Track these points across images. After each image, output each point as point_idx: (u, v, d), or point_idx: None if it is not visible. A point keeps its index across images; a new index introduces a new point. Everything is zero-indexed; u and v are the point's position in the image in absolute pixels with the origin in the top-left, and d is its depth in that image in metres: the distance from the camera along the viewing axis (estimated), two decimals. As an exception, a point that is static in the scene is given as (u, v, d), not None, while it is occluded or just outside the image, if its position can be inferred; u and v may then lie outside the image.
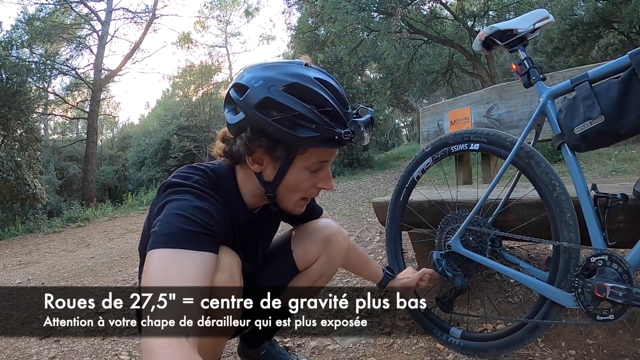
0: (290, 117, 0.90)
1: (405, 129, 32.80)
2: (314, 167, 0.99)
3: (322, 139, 0.91)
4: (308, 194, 1.05)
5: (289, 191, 1.02)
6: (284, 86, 0.91)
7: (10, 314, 2.63)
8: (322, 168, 1.01)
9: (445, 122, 2.59)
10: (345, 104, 0.96)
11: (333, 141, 0.92)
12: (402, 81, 14.21)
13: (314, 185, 1.02)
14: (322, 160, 0.99)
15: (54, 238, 6.93)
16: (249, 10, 25.73)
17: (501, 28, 1.43)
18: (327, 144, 0.93)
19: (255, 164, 1.00)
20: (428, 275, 1.44)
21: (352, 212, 5.12)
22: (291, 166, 0.97)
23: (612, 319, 1.13)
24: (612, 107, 1.15)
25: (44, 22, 14.62)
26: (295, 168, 0.98)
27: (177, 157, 18.87)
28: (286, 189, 1.01)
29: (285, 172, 0.98)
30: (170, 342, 0.68)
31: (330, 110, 0.92)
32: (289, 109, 0.90)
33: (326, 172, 1.02)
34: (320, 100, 0.92)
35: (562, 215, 1.27)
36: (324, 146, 0.94)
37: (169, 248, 0.81)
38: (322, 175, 1.02)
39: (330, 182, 1.03)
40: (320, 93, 0.92)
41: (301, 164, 0.97)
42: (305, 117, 0.90)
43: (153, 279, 0.78)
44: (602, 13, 11.11)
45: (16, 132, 9.57)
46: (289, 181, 0.99)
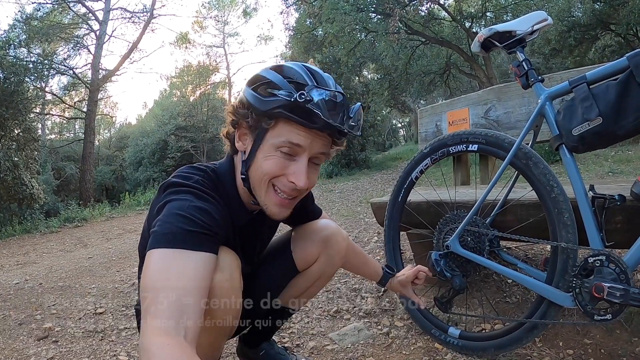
0: (264, 85, 0.94)
1: (403, 129, 32.88)
2: (285, 149, 0.95)
3: (288, 106, 0.90)
4: (277, 181, 0.98)
5: (257, 172, 0.98)
6: (273, 66, 0.98)
7: (8, 315, 2.62)
8: (296, 157, 0.97)
9: (443, 123, 2.60)
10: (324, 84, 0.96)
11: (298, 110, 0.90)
12: (400, 82, 14.24)
13: (284, 173, 0.97)
14: (292, 143, 0.94)
15: (51, 238, 6.90)
16: (247, 10, 25.82)
17: (500, 30, 1.43)
18: (293, 115, 0.91)
19: (240, 142, 1.02)
20: (423, 273, 1.43)
21: (350, 213, 5.12)
22: (263, 141, 0.96)
23: (610, 318, 1.14)
24: (610, 109, 1.16)
25: (41, 22, 14.57)
26: (266, 145, 0.96)
27: (174, 157, 18.86)
28: (255, 169, 0.98)
29: (257, 148, 0.97)
30: (169, 342, 0.68)
31: (302, 83, 0.93)
32: (264, 78, 0.95)
33: (300, 165, 0.96)
34: (295, 75, 0.95)
35: (560, 216, 1.28)
36: (291, 117, 0.91)
37: (169, 248, 0.81)
38: (295, 167, 0.96)
39: (301, 177, 0.96)
40: (297, 70, 0.95)
41: (272, 141, 0.95)
42: (275, 85, 0.93)
43: (152, 279, 0.78)
44: (599, 15, 11.17)
45: (13, 132, 9.52)
46: (259, 159, 0.97)
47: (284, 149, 0.95)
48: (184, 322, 0.72)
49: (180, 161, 18.71)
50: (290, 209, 1.05)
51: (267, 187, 0.99)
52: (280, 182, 0.98)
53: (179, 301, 0.74)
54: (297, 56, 16.81)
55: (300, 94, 0.89)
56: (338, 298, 2.23)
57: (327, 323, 1.96)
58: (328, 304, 2.16)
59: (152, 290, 0.76)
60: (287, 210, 1.04)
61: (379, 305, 2.04)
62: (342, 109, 0.95)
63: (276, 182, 0.98)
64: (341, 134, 0.98)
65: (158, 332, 0.69)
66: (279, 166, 0.96)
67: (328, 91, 0.92)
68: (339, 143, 1.04)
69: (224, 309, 0.99)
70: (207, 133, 20.03)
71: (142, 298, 0.77)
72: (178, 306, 0.73)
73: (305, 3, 12.95)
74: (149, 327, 0.70)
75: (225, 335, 1.10)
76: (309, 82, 0.93)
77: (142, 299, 0.76)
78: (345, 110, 0.95)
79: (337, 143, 1.04)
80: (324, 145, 0.99)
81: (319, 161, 1.02)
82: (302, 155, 0.96)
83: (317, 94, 0.91)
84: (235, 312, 1.05)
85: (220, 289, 0.96)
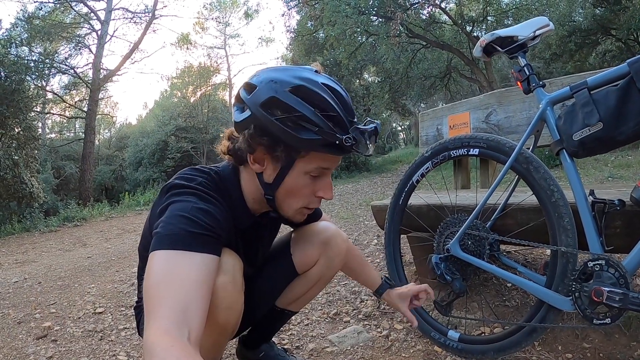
0: (293, 117, 0.90)
1: (403, 132, 32.95)
2: (315, 173, 0.98)
3: (324, 143, 0.91)
4: (308, 202, 1.03)
5: (288, 196, 1.01)
6: (290, 87, 0.91)
7: (7, 313, 2.62)
8: (322, 176, 1.00)
9: (444, 126, 2.61)
10: (351, 112, 0.96)
11: (334, 146, 0.92)
12: (401, 85, 14.27)
13: (314, 192, 1.01)
14: (323, 167, 0.98)
15: (50, 237, 6.90)
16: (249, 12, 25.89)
17: (502, 35, 1.44)
18: (329, 149, 0.93)
19: (256, 164, 1.00)
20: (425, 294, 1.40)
21: (350, 215, 5.12)
22: (291, 169, 0.97)
23: (609, 322, 1.14)
24: (611, 115, 1.17)
25: (43, 21, 14.60)
26: (296, 172, 0.97)
27: (174, 158, 18.87)
28: (285, 193, 1.00)
29: (285, 174, 0.98)
30: (173, 343, 0.68)
31: (334, 115, 0.92)
32: (292, 109, 0.90)
33: (327, 181, 1.02)
34: (325, 105, 0.92)
35: (560, 220, 1.29)
36: (325, 151, 0.93)
37: (172, 250, 0.81)
38: (323, 184, 1.01)
39: (330, 191, 1.02)
40: (325, 98, 0.92)
41: (301, 167, 0.97)
42: (308, 119, 0.90)
43: (156, 280, 0.78)
44: (600, 20, 11.22)
45: (14, 131, 9.51)
46: (288, 185, 0.99)
47: (315, 172, 0.98)
48: (188, 323, 0.72)
49: (180, 162, 18.72)
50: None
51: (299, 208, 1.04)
52: (308, 200, 1.03)
53: (182, 302, 0.74)
54: (298, 58, 16.85)
55: (347, 138, 0.91)
56: (338, 300, 2.23)
57: (327, 325, 1.96)
58: (328, 307, 2.17)
59: (156, 291, 0.76)
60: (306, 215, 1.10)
61: (379, 308, 2.05)
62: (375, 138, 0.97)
63: (309, 205, 1.04)
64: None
65: (161, 333, 0.69)
66: (310, 189, 1.01)
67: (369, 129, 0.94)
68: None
69: (226, 311, 0.99)
70: (207, 134, 20.04)
71: (145, 299, 0.77)
72: (181, 307, 0.73)
73: (306, 5, 12.97)
74: (152, 328, 0.70)
75: (227, 336, 1.10)
76: (339, 110, 0.93)
77: (145, 301, 0.76)
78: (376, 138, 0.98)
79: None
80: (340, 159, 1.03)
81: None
82: (328, 172, 1.01)
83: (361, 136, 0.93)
84: (238, 314, 1.05)
85: (223, 290, 0.96)
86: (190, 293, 0.77)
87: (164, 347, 0.67)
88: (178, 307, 0.73)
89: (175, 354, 0.66)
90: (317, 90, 0.92)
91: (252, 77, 0.99)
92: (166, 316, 0.72)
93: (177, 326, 0.71)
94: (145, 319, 0.74)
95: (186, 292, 0.76)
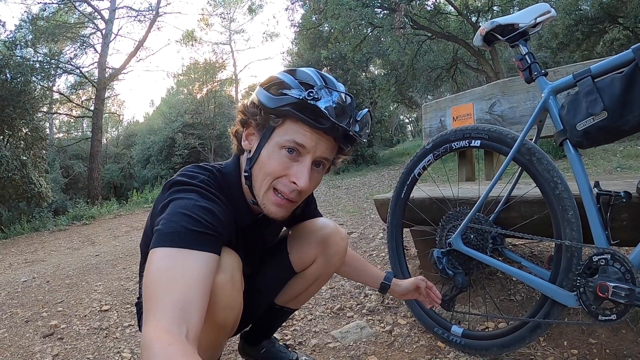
0: (275, 85, 0.96)
1: (410, 125, 32.78)
2: (289, 148, 0.94)
3: (296, 105, 0.92)
4: (276, 181, 0.97)
5: (260, 171, 0.98)
6: (287, 70, 0.99)
7: (15, 312, 2.65)
8: (299, 159, 0.96)
9: (447, 118, 2.57)
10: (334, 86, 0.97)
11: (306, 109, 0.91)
12: (407, 77, 14.15)
13: (286, 173, 0.96)
14: (297, 142, 0.94)
15: (59, 236, 6.96)
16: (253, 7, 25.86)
17: (502, 23, 1.41)
18: (301, 113, 0.91)
19: (246, 141, 1.03)
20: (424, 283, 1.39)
21: (356, 209, 5.11)
22: (269, 140, 0.97)
23: (615, 319, 1.11)
24: (615, 103, 1.13)
25: (47, 22, 14.67)
26: (272, 143, 0.96)
27: (182, 155, 18.96)
28: (259, 168, 0.98)
29: (263, 145, 0.98)
30: (171, 341, 0.67)
31: (311, 84, 0.94)
32: (277, 79, 0.97)
33: (303, 166, 0.96)
34: (306, 77, 0.96)
35: (564, 213, 1.26)
36: (298, 117, 0.92)
37: (172, 247, 0.81)
38: (298, 168, 0.96)
39: (304, 178, 0.95)
40: (311, 75, 0.97)
41: (277, 139, 0.95)
42: (286, 85, 0.94)
43: (155, 278, 0.77)
44: (607, 8, 11.02)
45: (21, 131, 9.62)
46: (263, 157, 0.97)
47: (289, 148, 0.95)
48: (186, 321, 0.72)
49: (188, 158, 18.81)
50: (288, 210, 1.03)
51: (268, 187, 0.98)
52: (281, 183, 0.97)
53: (181, 300, 0.74)
54: (303, 52, 16.81)
55: (309, 92, 0.91)
56: (342, 295, 2.22)
57: (330, 321, 1.95)
58: (332, 302, 2.16)
59: (155, 289, 0.76)
60: (285, 211, 1.02)
61: (383, 303, 2.03)
62: (350, 112, 0.96)
63: (277, 184, 0.98)
64: (347, 139, 0.98)
65: (160, 331, 0.68)
66: (281, 166, 0.96)
67: (337, 92, 0.94)
68: (345, 151, 1.05)
69: (225, 310, 0.99)
70: (214, 130, 20.09)
71: (144, 296, 0.76)
72: (180, 306, 0.73)
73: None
74: (150, 326, 0.70)
75: (226, 335, 1.10)
76: (319, 83, 0.95)
77: (144, 298, 0.76)
78: (353, 114, 0.97)
79: (343, 150, 1.04)
80: (328, 150, 0.98)
81: (322, 166, 1.02)
82: (306, 157, 0.96)
83: (326, 94, 0.93)
84: (236, 313, 1.04)
85: (222, 289, 0.96)
86: (189, 291, 0.76)
87: (162, 344, 0.66)
88: (177, 305, 0.73)
89: (173, 352, 0.65)
90: (307, 71, 0.99)
91: None
92: (165, 314, 0.71)
93: (176, 324, 0.71)
94: (144, 316, 0.74)
95: (185, 290, 0.76)
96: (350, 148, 1.03)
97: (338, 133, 0.94)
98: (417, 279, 1.40)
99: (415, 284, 1.39)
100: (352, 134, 0.95)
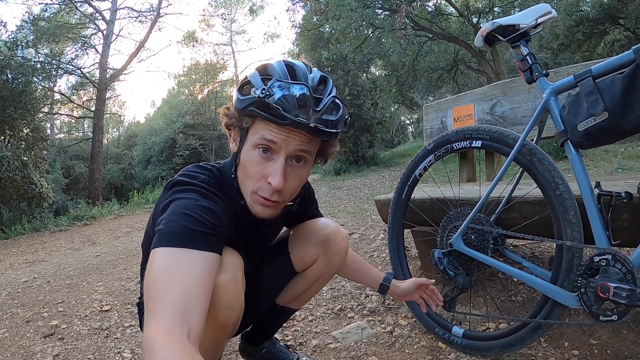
0: (245, 84, 0.94)
1: (411, 126, 32.78)
2: (261, 147, 0.93)
3: (258, 104, 0.89)
4: (257, 187, 0.96)
5: (243, 175, 0.98)
6: (259, 66, 0.97)
7: (16, 313, 2.65)
8: (272, 156, 0.94)
9: (448, 119, 2.57)
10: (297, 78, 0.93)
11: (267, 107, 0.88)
12: (408, 78, 14.15)
13: (264, 176, 0.95)
14: (267, 140, 0.91)
15: (60, 236, 6.97)
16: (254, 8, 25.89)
17: (503, 23, 1.41)
18: (263, 112, 0.89)
19: (233, 142, 1.02)
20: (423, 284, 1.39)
21: (357, 210, 5.10)
22: (245, 142, 0.96)
23: (616, 319, 1.11)
24: (616, 104, 1.13)
25: (49, 22, 14.69)
26: (247, 145, 0.96)
27: (183, 155, 18.99)
28: (242, 171, 0.99)
29: (242, 147, 0.98)
30: (172, 341, 0.67)
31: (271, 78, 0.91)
32: (246, 78, 0.95)
33: (276, 165, 0.93)
34: (272, 74, 0.93)
35: (565, 214, 1.26)
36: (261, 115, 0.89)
37: (173, 247, 0.81)
38: (272, 167, 0.93)
39: (277, 177, 0.92)
40: (277, 69, 0.94)
41: (251, 140, 0.94)
42: (251, 84, 0.92)
43: (157, 278, 0.77)
44: (608, 9, 11.01)
45: (22, 132, 9.63)
46: (242, 159, 0.97)
47: (261, 146, 0.93)
48: (188, 321, 0.72)
49: (189, 159, 18.83)
50: (276, 210, 1.01)
51: (251, 190, 0.98)
52: (261, 189, 0.96)
53: (182, 300, 0.74)
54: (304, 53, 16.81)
55: (262, 89, 0.88)
56: (343, 296, 2.22)
57: (331, 321, 1.95)
58: (332, 302, 2.15)
59: (156, 289, 0.75)
60: (272, 211, 1.00)
61: (384, 304, 2.03)
62: (309, 103, 0.89)
63: (258, 190, 0.97)
64: (318, 132, 0.91)
65: (161, 331, 0.68)
66: (258, 167, 0.94)
67: (289, 84, 0.89)
68: (329, 142, 1.01)
69: (226, 309, 0.98)
70: (215, 131, 20.11)
71: (145, 297, 0.76)
72: (182, 305, 0.73)
73: (311, 0, 12.91)
74: (152, 326, 0.70)
75: (227, 335, 1.10)
76: (279, 76, 0.91)
77: (145, 298, 0.76)
78: (312, 104, 0.90)
79: (326, 141, 1.00)
80: (303, 142, 0.93)
81: (304, 161, 0.98)
82: (279, 154, 0.93)
83: (278, 88, 0.88)
84: (238, 313, 1.04)
85: (224, 289, 0.95)
86: (190, 291, 0.76)
87: (163, 344, 0.66)
88: (178, 305, 0.73)
89: (175, 352, 0.65)
90: (275, 64, 0.95)
91: None
92: (166, 314, 0.71)
93: (177, 324, 0.70)
94: (145, 316, 0.74)
95: (187, 290, 0.76)
96: (332, 138, 0.97)
97: (305, 127, 0.89)
98: (417, 279, 1.40)
99: (415, 285, 1.39)
100: (312, 125, 0.89)
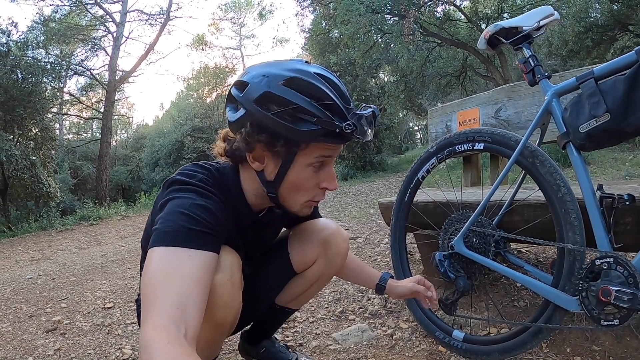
0: (290, 110, 0.87)
1: (420, 132, 32.68)
2: (317, 164, 0.95)
3: (323, 133, 0.88)
4: (313, 195, 1.00)
5: (292, 191, 0.98)
6: (283, 80, 0.89)
7: (19, 307, 2.67)
8: (325, 166, 0.97)
9: (453, 123, 2.56)
10: (347, 99, 0.93)
11: (334, 135, 0.89)
12: (416, 84, 14.15)
13: (318, 184, 0.98)
14: (324, 156, 0.95)
15: (66, 236, 7.02)
16: (263, 12, 26.00)
17: (506, 26, 1.40)
18: (329, 138, 0.90)
19: (256, 162, 0.97)
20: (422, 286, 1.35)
21: (363, 214, 5.09)
22: (293, 163, 0.94)
23: (617, 324, 1.09)
24: (618, 105, 1.12)
25: (59, 24, 14.89)
26: (297, 165, 0.94)
27: (190, 158, 19.05)
28: (289, 189, 0.98)
29: (287, 169, 0.95)
30: (169, 340, 0.67)
31: (331, 104, 0.89)
32: (288, 102, 0.87)
33: (330, 171, 0.98)
34: (320, 94, 0.89)
35: (566, 216, 1.24)
36: (326, 141, 0.90)
37: (170, 246, 0.81)
38: (326, 174, 0.98)
39: (334, 181, 0.99)
40: (320, 87, 0.89)
41: (303, 160, 0.94)
42: (306, 110, 0.87)
43: (153, 277, 0.77)
44: (617, 15, 10.94)
45: (31, 131, 9.75)
46: (292, 180, 0.96)
47: (317, 163, 0.95)
48: (185, 320, 0.72)
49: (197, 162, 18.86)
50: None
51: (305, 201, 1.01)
52: (313, 193, 1.01)
53: (179, 299, 0.73)
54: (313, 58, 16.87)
55: (346, 125, 0.88)
56: (345, 298, 2.21)
57: (332, 323, 1.94)
58: (334, 304, 2.15)
59: (153, 288, 0.75)
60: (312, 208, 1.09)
61: (385, 307, 2.02)
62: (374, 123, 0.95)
63: (313, 198, 1.01)
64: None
65: (158, 330, 0.68)
66: (314, 181, 0.98)
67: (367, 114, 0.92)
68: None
69: (224, 309, 0.98)
70: (222, 134, 20.14)
71: (142, 296, 0.76)
72: (179, 304, 0.73)
73: (320, 5, 12.97)
74: (149, 325, 0.70)
75: (224, 334, 1.10)
76: (335, 98, 0.90)
77: (142, 297, 0.76)
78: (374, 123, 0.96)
79: None
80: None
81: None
82: (330, 161, 0.98)
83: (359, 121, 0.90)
84: (235, 312, 1.04)
85: (221, 288, 0.95)
86: (187, 290, 0.76)
87: (160, 343, 0.66)
88: (175, 304, 0.73)
89: (172, 350, 0.65)
90: (310, 81, 0.89)
91: (242, 75, 0.96)
92: (163, 313, 0.71)
93: (174, 323, 0.70)
94: (143, 315, 0.73)
95: (184, 289, 0.76)
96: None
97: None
98: (415, 278, 1.38)
99: (412, 285, 1.37)
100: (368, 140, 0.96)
